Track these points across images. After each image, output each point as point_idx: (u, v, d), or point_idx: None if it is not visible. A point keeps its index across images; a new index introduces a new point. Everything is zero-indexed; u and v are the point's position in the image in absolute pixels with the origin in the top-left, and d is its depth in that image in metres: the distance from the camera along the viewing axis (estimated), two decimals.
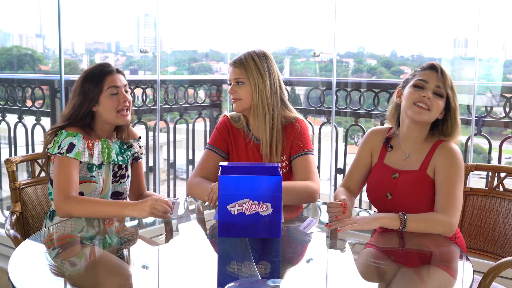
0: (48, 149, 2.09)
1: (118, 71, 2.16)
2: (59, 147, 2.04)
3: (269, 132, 2.17)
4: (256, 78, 2.16)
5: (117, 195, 2.21)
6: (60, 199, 1.97)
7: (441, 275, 1.60)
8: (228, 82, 2.24)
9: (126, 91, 2.16)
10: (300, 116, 2.26)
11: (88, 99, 2.09)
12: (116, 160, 2.17)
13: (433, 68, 1.96)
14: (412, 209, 1.86)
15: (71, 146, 2.04)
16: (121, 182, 2.21)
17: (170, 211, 1.92)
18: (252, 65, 2.16)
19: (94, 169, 2.11)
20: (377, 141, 2.10)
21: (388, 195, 1.99)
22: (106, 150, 2.14)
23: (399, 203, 1.94)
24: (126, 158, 2.23)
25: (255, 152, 2.22)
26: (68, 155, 2.02)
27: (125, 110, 2.13)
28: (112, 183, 2.19)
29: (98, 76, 2.11)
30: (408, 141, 2.02)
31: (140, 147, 2.31)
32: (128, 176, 2.25)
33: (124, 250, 1.73)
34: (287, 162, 2.22)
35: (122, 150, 2.22)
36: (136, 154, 2.29)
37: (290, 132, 2.21)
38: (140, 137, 2.32)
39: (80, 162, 2.07)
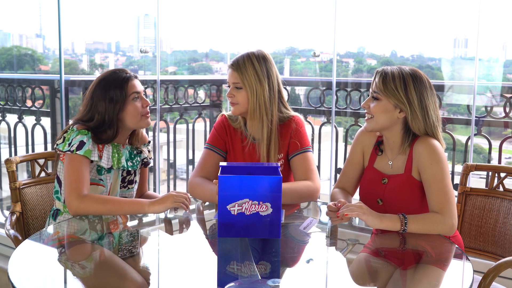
0: (57, 145, 2.06)
1: (135, 77, 2.15)
2: (69, 144, 2.02)
3: (267, 135, 2.16)
4: (254, 84, 2.12)
5: None
6: (74, 198, 1.94)
7: (441, 275, 1.60)
8: (227, 84, 2.22)
9: (145, 95, 2.16)
10: (294, 113, 2.24)
11: (115, 105, 2.07)
12: (125, 166, 2.15)
13: (375, 75, 1.96)
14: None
15: (81, 144, 2.01)
16: (129, 188, 2.20)
17: (189, 203, 1.94)
18: (250, 70, 2.12)
19: (103, 172, 2.09)
20: (368, 141, 2.08)
21: (379, 201, 1.98)
22: (116, 155, 2.12)
23: (390, 209, 1.93)
24: (135, 164, 2.21)
25: (252, 152, 2.21)
26: (78, 152, 2.00)
27: (147, 114, 2.13)
28: (120, 188, 2.17)
29: (122, 82, 2.09)
30: (389, 147, 2.01)
31: (149, 151, 2.29)
32: (136, 182, 2.23)
33: (125, 250, 1.72)
34: (283, 160, 2.21)
35: (132, 156, 2.20)
36: (145, 160, 2.28)
37: (286, 131, 2.20)
38: (149, 141, 2.31)
39: (92, 161, 2.06)
